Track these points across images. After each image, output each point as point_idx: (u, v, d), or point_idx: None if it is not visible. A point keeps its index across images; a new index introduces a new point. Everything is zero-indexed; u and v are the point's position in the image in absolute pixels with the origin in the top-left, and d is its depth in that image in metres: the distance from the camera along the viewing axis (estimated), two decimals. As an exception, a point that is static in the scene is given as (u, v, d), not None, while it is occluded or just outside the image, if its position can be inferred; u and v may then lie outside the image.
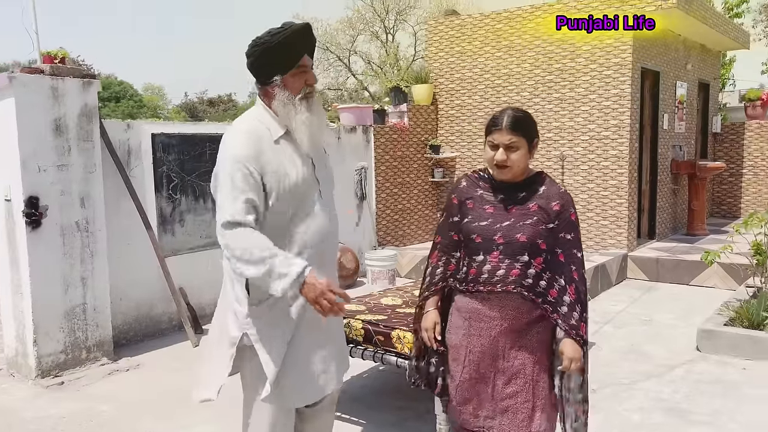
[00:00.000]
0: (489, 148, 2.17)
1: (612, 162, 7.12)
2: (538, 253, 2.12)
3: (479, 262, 2.16)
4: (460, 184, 2.30)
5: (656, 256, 7.00)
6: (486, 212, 2.19)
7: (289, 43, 2.09)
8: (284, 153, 2.13)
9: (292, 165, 2.12)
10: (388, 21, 29.45)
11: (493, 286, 2.13)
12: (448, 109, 8.28)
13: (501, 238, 2.13)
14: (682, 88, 8.42)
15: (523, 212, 2.15)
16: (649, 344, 4.79)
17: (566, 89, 7.32)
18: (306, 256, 2.10)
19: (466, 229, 2.21)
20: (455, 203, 2.27)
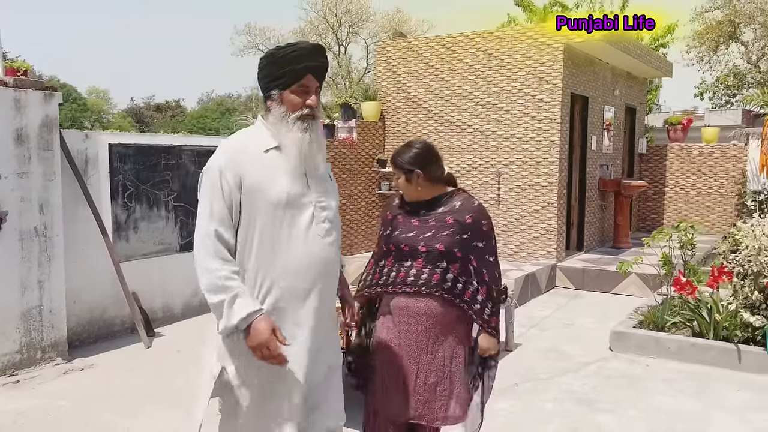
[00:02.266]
0: (395, 178, 2.63)
1: (543, 179, 7.71)
2: (455, 260, 2.50)
3: (407, 267, 2.53)
4: (393, 202, 2.69)
5: (582, 267, 7.62)
6: (412, 225, 2.57)
7: (294, 60, 2.08)
8: (270, 166, 2.08)
9: (275, 179, 2.06)
10: (340, 33, 29.89)
11: (418, 288, 2.50)
12: (394, 126, 8.73)
13: (424, 247, 2.51)
14: (609, 112, 9.15)
15: (441, 225, 2.53)
16: (569, 345, 5.31)
17: (503, 111, 7.89)
18: (283, 284, 2.07)
19: (396, 240, 2.56)
20: (389, 218, 2.63)
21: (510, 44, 7.76)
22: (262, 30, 29.97)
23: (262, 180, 2.06)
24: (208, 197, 2.06)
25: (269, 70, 2.12)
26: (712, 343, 4.74)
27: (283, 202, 2.07)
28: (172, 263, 5.93)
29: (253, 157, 2.08)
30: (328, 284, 2.20)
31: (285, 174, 2.08)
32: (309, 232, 2.12)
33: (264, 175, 2.06)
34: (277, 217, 2.06)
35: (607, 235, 9.39)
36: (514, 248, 7.96)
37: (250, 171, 2.05)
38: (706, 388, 4.32)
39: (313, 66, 2.12)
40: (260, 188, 2.05)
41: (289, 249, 2.08)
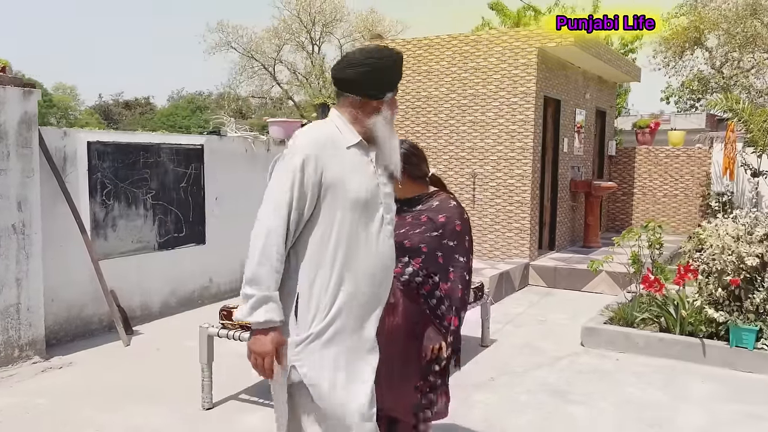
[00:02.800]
0: None
1: (517, 180, 7.89)
2: (418, 254, 2.57)
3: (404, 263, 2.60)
4: None
5: (554, 265, 7.82)
6: (405, 222, 2.65)
7: (401, 65, 2.19)
8: (353, 163, 2.05)
9: (356, 176, 2.03)
10: (314, 32, 29.88)
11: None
12: (371, 126, 8.81)
13: (408, 243, 2.60)
14: (581, 115, 9.39)
15: (415, 222, 2.63)
16: (542, 340, 5.47)
17: (478, 113, 8.05)
18: (355, 286, 2.04)
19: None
20: None
21: (485, 48, 7.92)
22: (235, 28, 29.80)
23: (345, 176, 2.01)
24: (285, 185, 1.97)
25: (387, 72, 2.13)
26: (679, 338, 4.95)
27: (362, 201, 2.03)
28: (150, 261, 5.93)
29: (337, 152, 2.03)
30: (388, 287, 2.17)
31: (365, 172, 2.07)
32: (380, 234, 2.10)
33: (346, 172, 2.01)
34: (355, 216, 2.03)
35: (577, 234, 9.63)
36: (489, 247, 8.12)
37: (333, 165, 2.00)
38: (672, 380, 4.52)
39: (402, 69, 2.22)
40: (342, 185, 2.01)
41: (366, 250, 2.05)
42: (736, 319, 4.70)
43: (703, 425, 3.77)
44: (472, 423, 3.72)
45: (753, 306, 4.72)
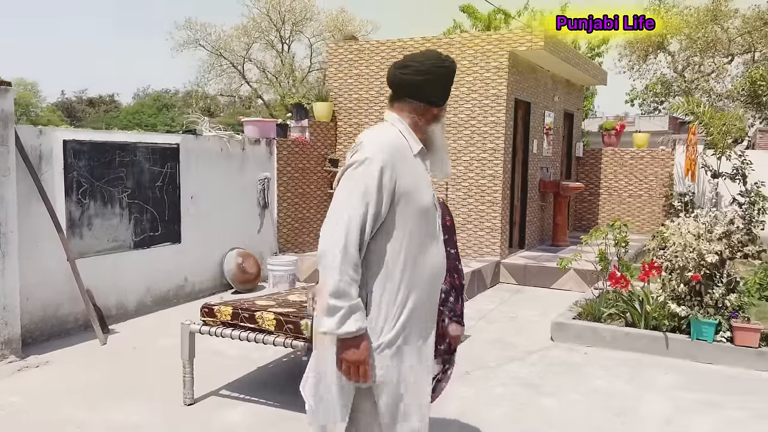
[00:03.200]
0: None
1: (488, 180, 8.08)
2: None
3: None
4: None
5: (524, 263, 8.03)
6: None
7: (454, 71, 2.20)
8: (418, 171, 2.11)
9: (422, 184, 2.10)
10: (284, 31, 29.74)
11: None
12: (346, 126, 8.92)
13: None
14: (549, 117, 9.64)
15: None
16: (514, 336, 5.65)
17: (451, 114, 8.21)
18: (421, 291, 2.11)
19: None
20: None
21: (458, 50, 8.08)
22: (203, 26, 29.48)
23: (413, 184, 2.05)
24: (362, 194, 1.97)
25: (445, 81, 2.16)
26: (643, 332, 5.17)
27: (426, 208, 2.10)
28: (126, 260, 5.92)
29: (406, 160, 2.07)
30: (438, 298, 2.29)
31: (427, 180, 2.13)
32: (437, 242, 2.17)
33: (414, 180, 2.06)
34: (422, 225, 2.08)
35: (546, 233, 9.88)
36: (462, 246, 8.28)
37: (404, 175, 2.03)
38: (637, 372, 4.73)
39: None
40: (412, 194, 2.04)
41: (428, 258, 2.11)
42: (696, 314, 4.94)
43: (665, 413, 3.98)
44: (449, 416, 3.86)
45: (712, 301, 4.97)
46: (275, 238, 7.85)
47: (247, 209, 7.43)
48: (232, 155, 7.19)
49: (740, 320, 4.87)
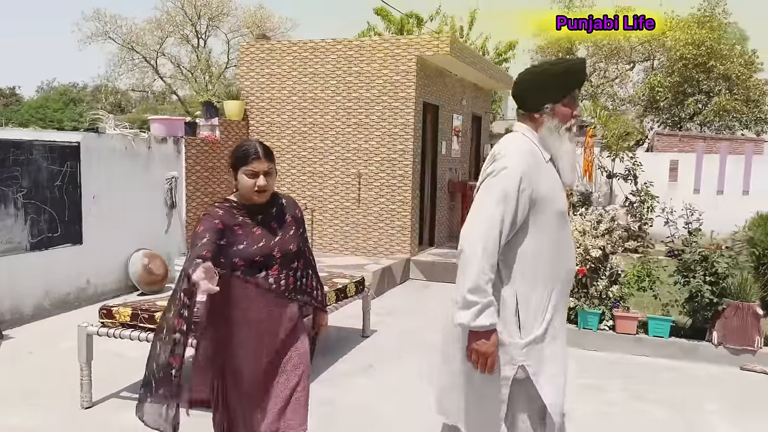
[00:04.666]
0: (247, 177, 2.35)
1: (399, 180, 8.32)
2: (300, 256, 2.56)
3: (262, 277, 2.40)
4: (217, 213, 2.37)
5: (433, 260, 8.33)
6: (257, 235, 2.41)
7: (568, 73, 2.23)
8: (551, 177, 2.23)
9: (557, 190, 2.24)
10: (200, 26, 29.02)
11: (281, 293, 2.44)
12: (258, 126, 8.90)
13: (278, 252, 2.43)
14: (458, 120, 10.01)
15: (285, 226, 2.49)
16: (419, 330, 5.88)
17: (362, 116, 8.38)
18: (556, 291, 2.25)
19: (245, 253, 2.35)
20: (219, 228, 2.32)
21: (368, 53, 8.27)
22: (113, 17, 28.24)
23: (549, 190, 2.20)
24: (501, 200, 2.11)
25: (543, 83, 2.22)
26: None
27: (562, 212, 2.24)
28: (21, 263, 5.69)
29: (540, 167, 2.20)
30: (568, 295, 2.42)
31: (559, 184, 2.26)
32: (570, 241, 2.33)
33: (550, 186, 2.21)
34: (559, 225, 2.23)
35: (455, 231, 10.26)
36: (373, 244, 8.49)
37: (540, 181, 2.17)
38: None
39: (582, 80, 2.29)
40: (549, 198, 2.19)
41: (564, 257, 2.27)
42: (582, 304, 5.35)
43: (551, 397, 4.30)
44: (348, 406, 4.01)
45: (597, 292, 5.39)
46: (184, 239, 7.73)
47: (153, 209, 7.29)
48: (138, 154, 7.03)
49: (621, 310, 5.32)
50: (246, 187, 2.38)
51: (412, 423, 3.81)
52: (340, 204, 8.61)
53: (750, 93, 22.90)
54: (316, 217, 8.71)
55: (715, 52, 22.48)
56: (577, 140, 11.65)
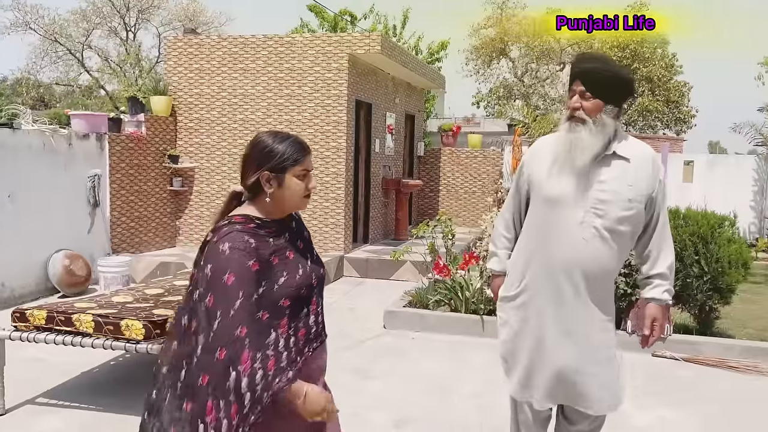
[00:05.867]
0: (298, 179, 1.79)
1: (332, 178, 8.33)
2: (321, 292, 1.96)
3: (303, 317, 1.83)
4: (249, 244, 1.70)
5: (366, 257, 8.39)
6: (292, 260, 1.81)
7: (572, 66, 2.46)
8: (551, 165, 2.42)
9: (551, 177, 2.40)
10: (128, 18, 27.99)
11: (320, 335, 1.90)
12: (187, 122, 8.70)
13: (315, 279, 1.87)
14: (391, 118, 10.10)
15: (307, 243, 1.92)
16: (350, 326, 5.93)
17: (294, 113, 8.34)
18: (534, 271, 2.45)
19: (288, 289, 1.76)
20: (256, 269, 1.69)
21: (300, 50, 8.23)
22: (34, 7, 26.84)
23: (541, 176, 2.44)
24: (514, 180, 2.65)
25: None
26: (464, 316, 5.68)
27: (548, 197, 2.42)
28: None
29: (543, 156, 2.47)
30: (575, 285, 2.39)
31: (558, 173, 2.39)
32: (561, 229, 2.39)
33: (545, 172, 2.43)
34: (546, 210, 2.44)
35: (389, 228, 10.37)
36: (306, 242, 8.46)
37: (537, 168, 2.47)
38: (458, 353, 5.20)
39: (575, 71, 2.38)
40: (538, 184, 2.45)
41: (551, 242, 2.41)
42: (507, 297, 5.52)
43: (476, 389, 4.44)
44: (276, 404, 4.00)
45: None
46: (108, 238, 7.48)
47: (75, 208, 7.01)
48: (58, 151, 6.75)
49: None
50: (296, 193, 1.80)
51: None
52: (272, 202, 8.53)
53: (670, 94, 24.18)
54: (248, 215, 8.60)
55: (638, 54, 23.58)
56: (507, 139, 12.01)
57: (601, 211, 2.33)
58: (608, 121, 2.32)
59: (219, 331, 1.61)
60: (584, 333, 2.42)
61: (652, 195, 2.39)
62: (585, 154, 2.31)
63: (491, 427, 3.73)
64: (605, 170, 2.35)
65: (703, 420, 3.96)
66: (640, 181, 2.36)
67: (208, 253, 1.70)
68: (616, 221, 2.33)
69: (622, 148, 2.37)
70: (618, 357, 2.52)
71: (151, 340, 3.59)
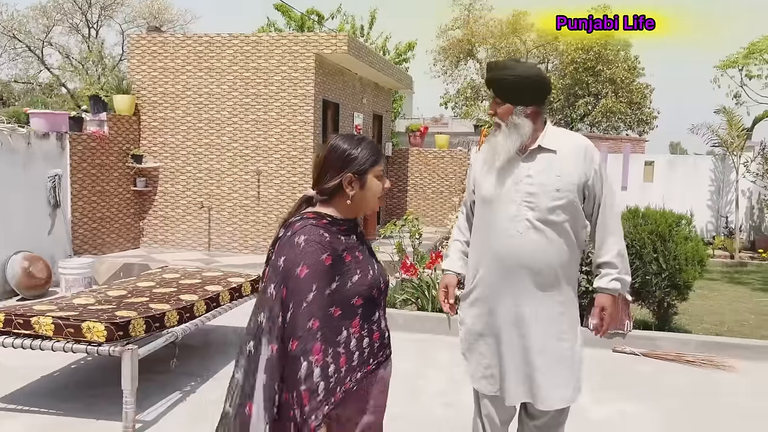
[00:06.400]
0: (377, 180, 1.83)
1: (299, 178, 8.30)
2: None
3: (376, 321, 1.81)
4: (323, 237, 1.71)
5: (334, 257, 8.38)
6: (362, 260, 1.80)
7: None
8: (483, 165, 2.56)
9: (486, 177, 2.51)
10: (91, 15, 27.41)
11: (388, 345, 1.87)
12: (150, 121, 8.57)
13: (383, 284, 1.85)
14: (359, 118, 10.12)
15: (371, 248, 1.92)
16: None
17: (261, 112, 8.29)
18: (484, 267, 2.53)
19: (358, 290, 1.75)
20: (330, 263, 1.69)
21: (266, 49, 8.18)
22: (-12, 0, 26.06)
23: (478, 177, 2.58)
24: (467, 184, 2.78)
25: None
26: (430, 315, 5.73)
27: (483, 196, 2.54)
28: None
29: (479, 158, 2.61)
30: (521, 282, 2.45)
31: (487, 173, 2.51)
32: (498, 226, 2.46)
33: (479, 175, 2.57)
34: (483, 208, 2.55)
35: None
36: (273, 242, 8.41)
37: (477, 169, 2.60)
38: (424, 351, 5.23)
39: (486, 81, 2.51)
40: (477, 184, 2.58)
41: (491, 239, 2.49)
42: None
43: (441, 387, 4.48)
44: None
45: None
46: (69, 240, 7.32)
47: (34, 209, 6.85)
48: (16, 150, 6.58)
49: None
50: (376, 193, 1.84)
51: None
52: (238, 202, 8.47)
53: (633, 96, 24.74)
54: (213, 216, 8.52)
55: (602, 56, 24.08)
56: (473, 140, 12.13)
57: (532, 204, 2.41)
58: (520, 121, 2.40)
59: (291, 323, 1.61)
60: (536, 327, 2.45)
61: (588, 183, 2.44)
62: (501, 156, 2.43)
63: (458, 423, 3.78)
64: (532, 164, 2.44)
65: (661, 413, 4.07)
66: (568, 170, 2.41)
67: (281, 246, 1.70)
68: (547, 211, 2.40)
69: (549, 141, 2.45)
70: (576, 351, 2.55)
71: (114, 342, 3.53)
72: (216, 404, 3.92)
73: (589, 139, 2.56)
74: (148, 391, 4.03)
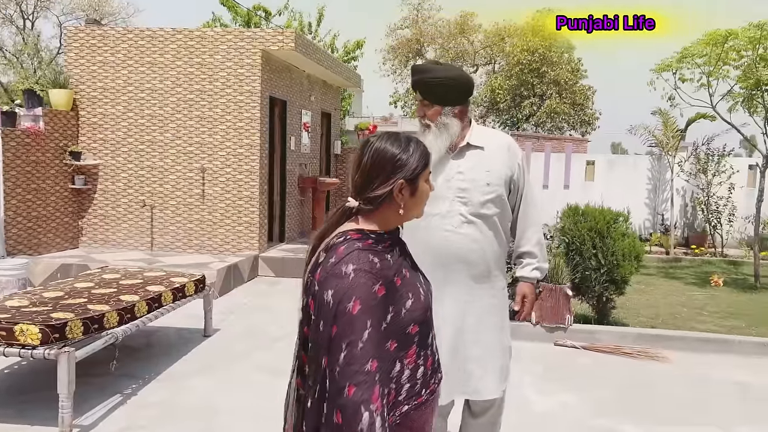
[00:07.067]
0: (425, 183, 1.64)
1: (245, 176, 8.18)
2: None
3: (430, 345, 1.62)
4: (374, 264, 1.48)
5: (282, 256, 8.31)
6: (409, 279, 1.58)
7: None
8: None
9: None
10: (26, 5, 26.23)
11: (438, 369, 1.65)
12: (90, 117, 8.28)
13: (431, 296, 1.65)
14: (307, 116, 10.05)
15: (409, 254, 1.69)
16: (265, 326, 5.86)
17: (206, 108, 8.13)
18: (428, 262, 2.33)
19: (413, 316, 1.54)
20: (383, 294, 1.47)
21: (211, 45, 8.03)
22: None
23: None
24: None
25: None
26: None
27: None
28: None
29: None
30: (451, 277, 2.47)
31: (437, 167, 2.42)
32: (435, 223, 2.46)
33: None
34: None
35: (306, 226, 10.31)
36: (220, 241, 8.28)
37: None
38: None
39: (412, 84, 2.53)
40: None
41: (428, 235, 2.46)
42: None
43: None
44: (186, 407, 3.91)
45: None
46: (2, 240, 7.00)
47: (-36, 208, 6.52)
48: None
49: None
50: (425, 200, 1.66)
51: (251, 420, 3.81)
52: (182, 200, 8.29)
53: (576, 97, 25.47)
54: (156, 215, 8.31)
55: (546, 58, 24.69)
56: (422, 138, 12.21)
57: (464, 199, 2.50)
58: (449, 121, 2.49)
59: (345, 366, 1.39)
60: (471, 319, 2.52)
61: (513, 177, 2.58)
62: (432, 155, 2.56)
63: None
64: (462, 161, 2.54)
65: (600, 404, 4.22)
66: (496, 166, 2.54)
67: (327, 277, 1.46)
68: (479, 206, 2.50)
69: (476, 139, 2.56)
70: (507, 340, 2.65)
71: (49, 345, 3.41)
72: (162, 405, 3.84)
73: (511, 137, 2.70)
74: (87, 394, 3.91)
